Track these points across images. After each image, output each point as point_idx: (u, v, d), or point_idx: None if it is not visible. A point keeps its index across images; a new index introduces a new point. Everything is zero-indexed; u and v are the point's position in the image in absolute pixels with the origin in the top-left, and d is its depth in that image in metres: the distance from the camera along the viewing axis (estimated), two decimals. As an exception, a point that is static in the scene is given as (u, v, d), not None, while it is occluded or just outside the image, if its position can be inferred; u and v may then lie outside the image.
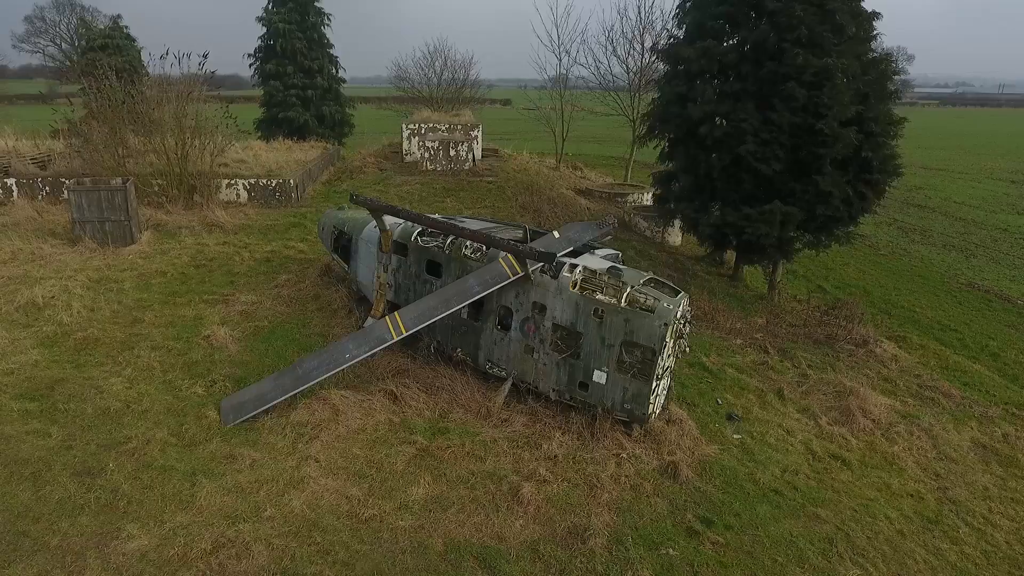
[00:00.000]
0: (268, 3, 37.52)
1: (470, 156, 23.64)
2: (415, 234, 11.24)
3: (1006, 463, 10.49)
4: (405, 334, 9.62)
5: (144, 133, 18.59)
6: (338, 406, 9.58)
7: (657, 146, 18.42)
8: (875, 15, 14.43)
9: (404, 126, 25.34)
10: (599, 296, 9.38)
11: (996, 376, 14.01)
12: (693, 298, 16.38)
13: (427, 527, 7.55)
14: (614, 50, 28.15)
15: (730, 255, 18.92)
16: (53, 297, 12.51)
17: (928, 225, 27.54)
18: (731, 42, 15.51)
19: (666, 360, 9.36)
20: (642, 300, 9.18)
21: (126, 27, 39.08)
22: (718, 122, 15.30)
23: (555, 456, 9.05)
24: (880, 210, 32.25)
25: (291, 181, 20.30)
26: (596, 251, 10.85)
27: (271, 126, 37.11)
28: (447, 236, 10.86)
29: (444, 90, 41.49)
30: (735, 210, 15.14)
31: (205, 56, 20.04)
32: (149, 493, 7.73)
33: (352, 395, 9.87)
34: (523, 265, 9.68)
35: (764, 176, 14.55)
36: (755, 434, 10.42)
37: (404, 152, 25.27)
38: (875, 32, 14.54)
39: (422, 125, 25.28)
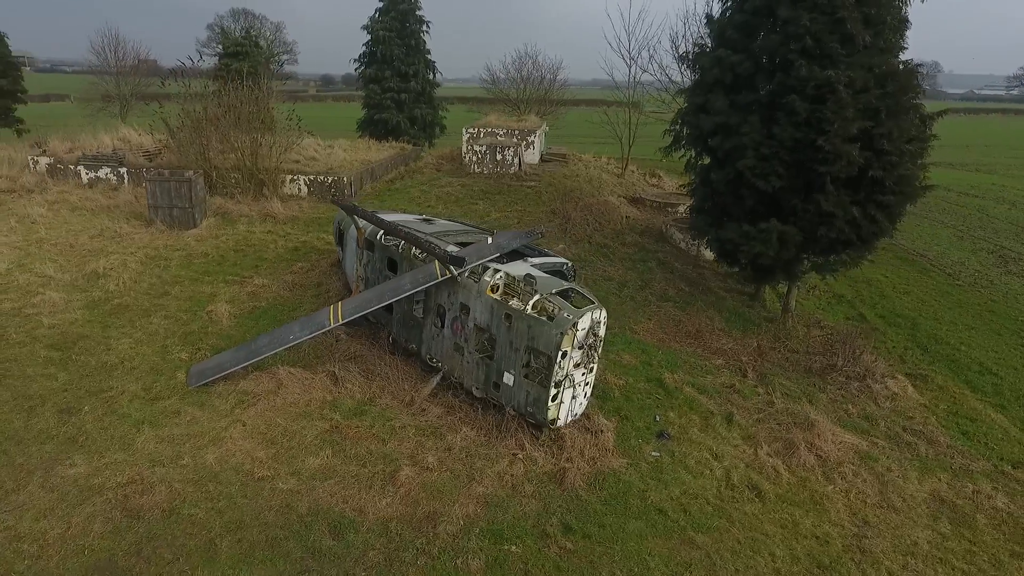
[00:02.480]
0: (375, 12, 40.72)
1: (516, 160, 24.34)
2: (380, 234, 12.28)
3: (960, 522, 9.45)
4: (341, 322, 10.71)
5: (224, 132, 21.38)
6: (283, 381, 10.86)
7: (683, 156, 18.02)
8: (903, 23, 13.20)
9: (464, 130, 26.57)
10: (512, 302, 9.83)
11: (1015, 429, 12.31)
12: (693, 314, 16.01)
13: (303, 492, 8.54)
14: (680, 58, 27.41)
15: (756, 273, 18.03)
16: (112, 268, 15.07)
17: (1039, 254, 23.99)
18: (750, 52, 14.90)
19: (569, 369, 9.59)
20: (549, 308, 9.51)
21: (256, 36, 44.47)
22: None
23: (452, 447, 9.66)
24: (990, 235, 28.47)
25: (344, 179, 22.28)
26: (532, 258, 11.24)
27: (369, 127, 40.25)
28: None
29: (532, 92, 42.42)
30: (737, 226, 14.61)
31: (281, 65, 22.61)
32: (104, 433, 9.43)
33: (299, 372, 11.11)
34: (448, 268, 10.36)
35: (765, 193, 13.93)
36: (677, 454, 10.27)
37: (463, 154, 26.51)
38: (902, 43, 13.29)
39: (481, 129, 26.36)
